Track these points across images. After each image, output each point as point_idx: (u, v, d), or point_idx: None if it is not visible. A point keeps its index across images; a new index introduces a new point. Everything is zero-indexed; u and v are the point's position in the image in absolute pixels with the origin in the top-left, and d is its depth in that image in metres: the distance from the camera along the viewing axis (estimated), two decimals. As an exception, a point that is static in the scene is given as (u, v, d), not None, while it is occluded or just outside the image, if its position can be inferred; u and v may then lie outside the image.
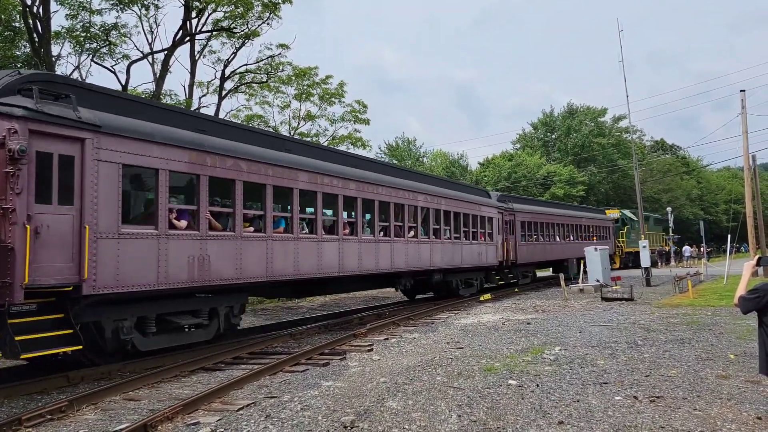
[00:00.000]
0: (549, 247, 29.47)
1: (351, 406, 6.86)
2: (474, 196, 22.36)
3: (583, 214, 35.59)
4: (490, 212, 23.20)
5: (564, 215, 31.83)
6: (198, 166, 10.17)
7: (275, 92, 30.05)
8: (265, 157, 11.69)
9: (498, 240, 23.57)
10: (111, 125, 8.74)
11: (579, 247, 31.22)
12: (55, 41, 21.06)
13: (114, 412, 7.06)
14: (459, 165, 63.07)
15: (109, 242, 8.55)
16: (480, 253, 21.78)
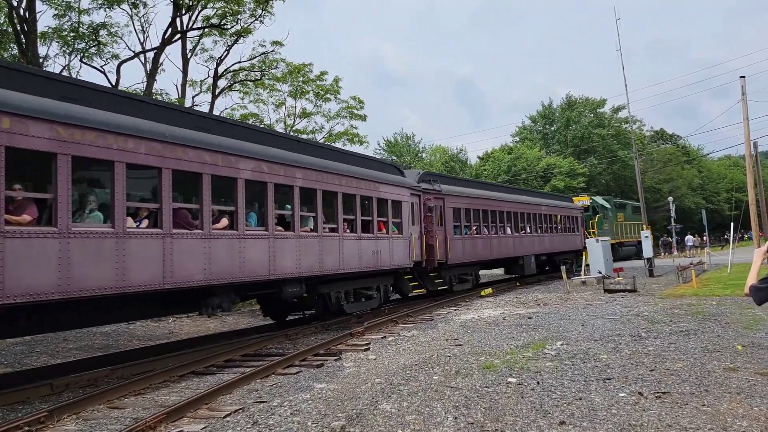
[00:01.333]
0: (497, 242, 22.86)
1: (343, 410, 6.55)
2: (370, 171, 15.23)
3: (544, 201, 29.00)
4: (399, 194, 16.30)
5: (516, 202, 25.24)
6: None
7: (270, 90, 29.73)
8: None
9: (413, 232, 17.00)
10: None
11: (538, 242, 26.60)
12: (43, 42, 20.73)
13: (96, 422, 6.76)
14: (458, 159, 62.70)
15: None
16: (379, 251, 14.99)
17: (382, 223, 15.52)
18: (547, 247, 27.99)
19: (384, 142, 64.73)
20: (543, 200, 28.99)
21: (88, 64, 22.05)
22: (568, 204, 32.81)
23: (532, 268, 25.90)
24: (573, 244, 31.40)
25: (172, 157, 9.28)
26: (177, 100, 24.18)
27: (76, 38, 21.44)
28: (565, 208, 31.30)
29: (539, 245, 26.90)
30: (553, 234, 28.95)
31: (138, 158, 8.73)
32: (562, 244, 29.94)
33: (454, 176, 25.35)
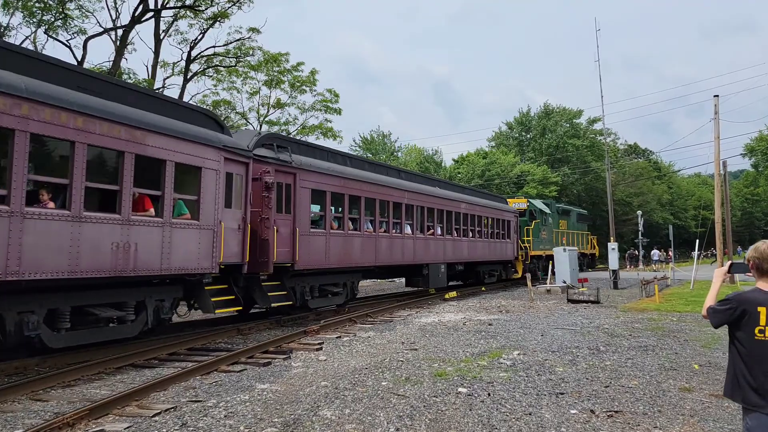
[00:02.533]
0: (387, 244, 17.06)
1: (280, 415, 6.16)
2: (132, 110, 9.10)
3: (465, 197, 23.11)
4: (195, 155, 10.23)
5: (422, 193, 19.32)
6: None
7: (244, 78, 29.09)
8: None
9: (226, 219, 11.14)
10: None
11: (453, 247, 21.11)
12: (6, 11, 19.81)
13: (13, 415, 6.25)
14: (433, 161, 62.61)
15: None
16: (131, 245, 8.92)
17: (148, 198, 9.50)
18: (466, 255, 22.40)
19: (360, 139, 64.30)
20: (464, 196, 22.98)
21: (53, 37, 21.18)
22: (500, 205, 26.96)
23: (442, 280, 20.50)
24: (502, 253, 26.14)
25: None
26: (146, 81, 23.41)
27: (41, 9, 20.55)
28: (494, 209, 25.46)
29: (454, 252, 21.33)
30: (476, 239, 23.38)
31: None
32: (487, 252, 24.50)
33: (322, 147, 16.25)
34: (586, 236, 41.13)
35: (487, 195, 27.68)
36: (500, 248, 26.16)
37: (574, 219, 38.98)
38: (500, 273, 27.11)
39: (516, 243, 27.91)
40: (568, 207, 39.58)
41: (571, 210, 38.96)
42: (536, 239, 30.00)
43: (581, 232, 39.44)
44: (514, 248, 27.56)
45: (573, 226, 37.81)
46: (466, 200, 22.75)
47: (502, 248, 26.44)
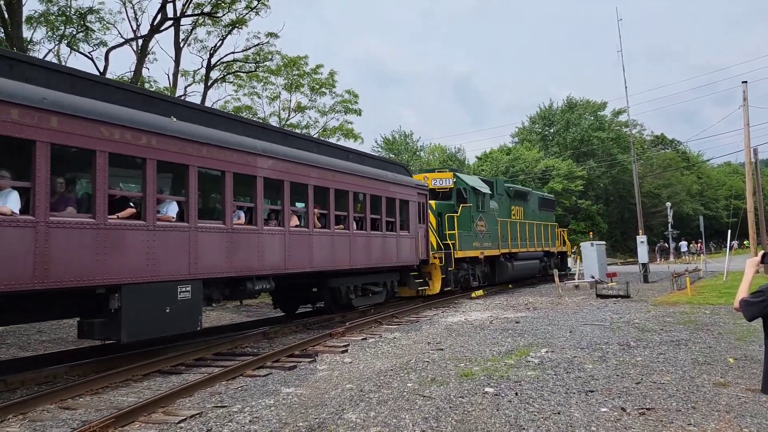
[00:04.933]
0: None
1: (305, 419, 6.12)
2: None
3: (312, 157, 12.85)
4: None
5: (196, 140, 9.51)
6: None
7: (264, 83, 29.26)
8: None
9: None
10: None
11: (261, 243, 10.89)
12: (29, 26, 20.24)
13: (42, 424, 6.33)
14: (456, 159, 62.31)
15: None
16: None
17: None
18: (305, 258, 12.27)
19: (382, 140, 64.31)
20: (310, 156, 12.77)
21: (75, 50, 21.58)
22: (388, 175, 15.88)
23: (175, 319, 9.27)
24: (387, 255, 15.50)
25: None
26: (167, 89, 23.72)
27: (64, 23, 20.96)
28: (374, 180, 15.06)
29: (264, 254, 11.03)
30: (335, 233, 13.30)
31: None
32: (362, 256, 14.39)
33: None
34: (551, 228, 29.40)
35: (364, 157, 15.78)
36: (388, 248, 15.42)
37: (535, 205, 28.05)
38: (388, 288, 16.23)
39: (423, 239, 17.33)
40: (524, 188, 28.35)
41: (529, 192, 27.73)
42: (467, 233, 19.77)
43: (545, 224, 28.54)
44: (417, 246, 16.75)
45: (532, 215, 27.27)
46: (312, 161, 12.58)
47: (390, 247, 15.52)
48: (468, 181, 21.10)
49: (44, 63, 8.82)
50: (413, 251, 16.80)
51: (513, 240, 23.91)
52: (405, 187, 16.68)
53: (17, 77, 7.50)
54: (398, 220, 16.09)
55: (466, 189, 20.63)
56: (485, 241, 21.30)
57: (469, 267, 20.55)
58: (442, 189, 20.84)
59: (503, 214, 23.67)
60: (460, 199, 20.50)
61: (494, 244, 22.09)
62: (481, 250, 20.97)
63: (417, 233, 17.12)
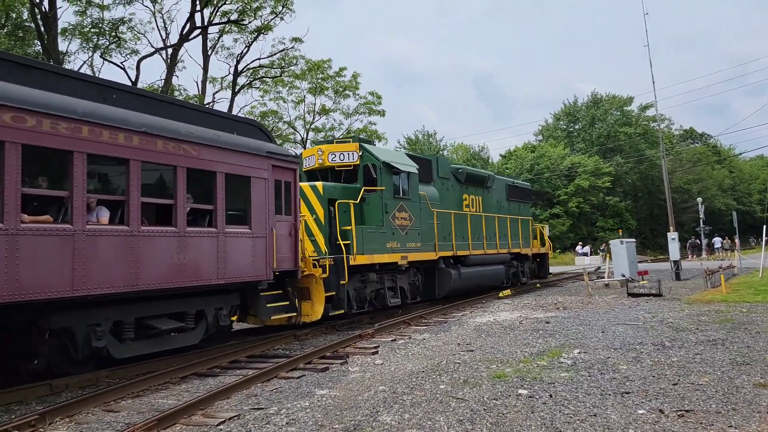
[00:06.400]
0: None
1: (341, 421, 6.21)
2: None
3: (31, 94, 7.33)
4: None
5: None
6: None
7: (289, 87, 29.60)
8: None
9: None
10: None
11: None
12: (64, 38, 20.82)
13: (87, 426, 6.54)
14: (480, 157, 62.03)
15: None
16: None
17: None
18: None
19: (404, 140, 64.35)
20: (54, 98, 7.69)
21: (108, 60, 22.12)
22: (208, 137, 9.85)
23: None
24: (193, 268, 9.43)
25: None
26: (197, 96, 24.15)
27: (97, 34, 21.50)
28: (164, 140, 9.01)
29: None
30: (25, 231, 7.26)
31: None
32: (116, 271, 8.29)
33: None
34: (525, 225, 23.38)
35: (153, 102, 9.64)
36: (187, 253, 9.39)
37: (501, 194, 22.22)
38: (209, 321, 10.42)
39: (287, 238, 11.71)
40: (482, 172, 22.53)
41: (489, 177, 21.39)
42: (376, 229, 14.30)
43: (516, 218, 22.54)
44: (269, 250, 11.00)
45: (497, 207, 21.58)
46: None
47: (201, 253, 9.65)
48: (380, 155, 15.05)
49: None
50: (262, 258, 10.76)
51: (462, 239, 18.30)
52: (242, 156, 10.45)
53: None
54: (220, 207, 9.98)
55: (375, 166, 14.68)
56: (411, 240, 15.54)
57: (381, 278, 14.82)
58: (344, 167, 15.03)
59: (448, 204, 18.10)
60: (369, 180, 14.67)
61: (427, 245, 16.37)
62: (403, 253, 15.10)
63: (270, 230, 10.98)
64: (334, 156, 15.14)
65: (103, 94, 8.83)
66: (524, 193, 25.16)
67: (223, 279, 10.11)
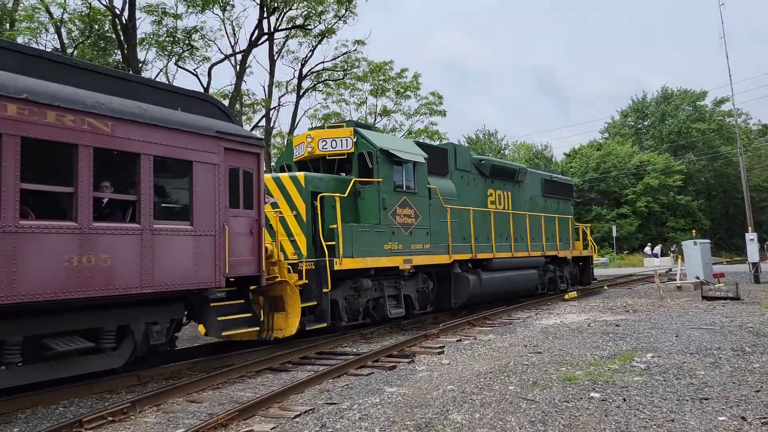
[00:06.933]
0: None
1: (412, 418, 6.35)
2: None
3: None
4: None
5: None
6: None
7: (351, 89, 30.07)
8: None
9: None
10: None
11: None
12: (142, 47, 21.99)
13: (174, 415, 6.97)
14: (543, 156, 60.83)
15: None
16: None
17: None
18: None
19: (465, 139, 63.94)
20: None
21: (182, 67, 23.20)
22: (146, 113, 8.20)
23: None
24: (122, 279, 7.76)
25: None
26: (263, 100, 24.98)
27: (171, 43, 22.59)
28: (58, 112, 7.26)
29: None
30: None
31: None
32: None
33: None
34: (564, 222, 20.95)
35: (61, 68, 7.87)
36: (118, 256, 7.76)
37: (535, 189, 19.92)
38: (137, 339, 8.41)
39: (245, 237, 9.75)
40: (513, 164, 19.84)
41: (520, 170, 18.94)
42: (370, 228, 12.39)
43: (554, 217, 20.17)
44: (219, 252, 9.04)
45: (530, 204, 19.41)
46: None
47: (131, 255, 7.90)
48: (377, 141, 12.88)
49: None
50: (209, 261, 8.87)
51: (484, 240, 16.29)
52: (179, 135, 8.60)
53: None
54: (146, 198, 8.12)
55: (372, 154, 12.60)
56: (417, 241, 13.52)
57: (381, 285, 12.89)
58: (336, 155, 13.11)
59: (468, 200, 16.12)
60: (365, 171, 12.74)
61: (439, 246, 14.27)
62: (406, 256, 13.08)
63: (221, 227, 9.07)
64: (325, 143, 13.07)
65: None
66: (564, 189, 22.36)
67: (149, 287, 8.08)
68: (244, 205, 9.82)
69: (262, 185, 10.15)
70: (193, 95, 9.73)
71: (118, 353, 8.35)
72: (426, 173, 14.18)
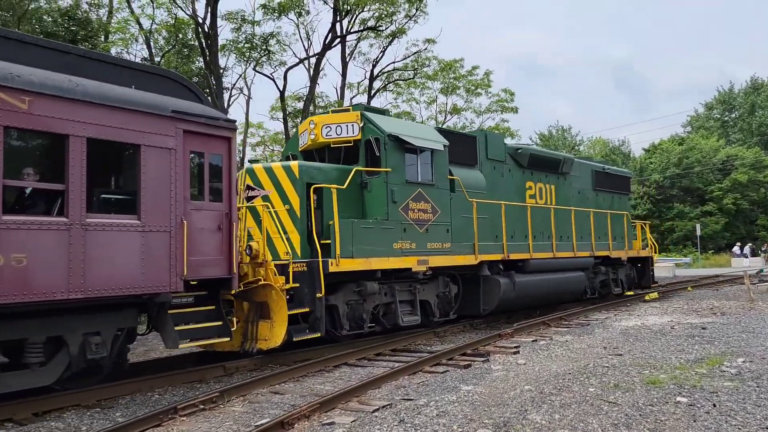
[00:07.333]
0: None
1: (489, 417, 6.37)
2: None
3: None
4: None
5: None
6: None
7: (421, 88, 30.14)
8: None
9: None
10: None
11: None
12: (222, 53, 23.01)
13: (259, 405, 7.31)
14: (620, 152, 58.57)
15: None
16: None
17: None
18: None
19: (537, 136, 62.55)
20: None
21: (259, 71, 24.08)
22: (76, 87, 7.01)
23: None
24: (44, 282, 6.60)
25: None
26: (336, 102, 25.50)
27: (249, 49, 23.49)
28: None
29: None
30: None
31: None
32: None
33: None
34: (619, 219, 19.04)
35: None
36: (36, 255, 6.55)
37: (585, 182, 18.11)
38: (72, 353, 7.20)
39: (212, 234, 8.46)
40: (556, 153, 18.47)
41: (566, 161, 17.06)
42: (374, 225, 11.03)
43: (607, 212, 18.37)
44: (174, 251, 7.82)
45: (578, 198, 17.60)
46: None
47: (56, 253, 6.70)
48: (385, 126, 11.53)
49: None
50: (162, 261, 7.69)
51: (520, 238, 14.67)
52: (122, 114, 7.34)
53: None
54: (77, 187, 6.90)
55: (379, 141, 11.26)
56: (434, 239, 12.12)
57: (391, 289, 11.51)
58: (342, 143, 11.77)
59: (502, 193, 14.47)
60: (372, 160, 11.41)
61: (462, 246, 12.78)
62: (421, 257, 11.69)
63: (178, 222, 7.88)
64: (329, 129, 11.71)
65: None
66: (619, 182, 20.21)
67: (78, 292, 6.84)
68: (211, 197, 8.54)
69: (233, 174, 8.80)
70: (151, 71, 8.53)
71: (48, 369, 7.07)
72: (446, 163, 12.65)
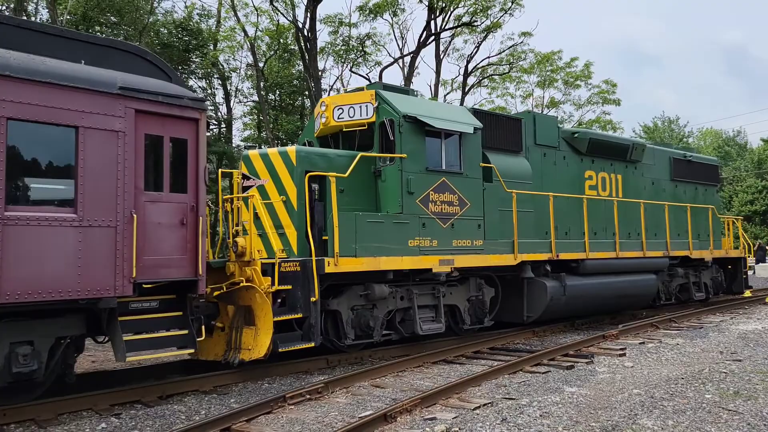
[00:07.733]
0: None
1: (596, 419, 6.20)
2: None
3: None
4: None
5: None
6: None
7: (517, 82, 29.51)
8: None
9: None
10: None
11: None
12: (321, 56, 23.79)
13: (361, 398, 7.54)
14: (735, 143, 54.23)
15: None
16: None
17: None
18: None
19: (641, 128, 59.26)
20: None
21: (355, 72, 24.65)
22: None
23: None
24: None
25: None
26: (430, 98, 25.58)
27: (346, 51, 24.11)
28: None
29: None
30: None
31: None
32: None
33: None
34: (702, 214, 16.65)
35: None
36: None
37: (662, 171, 15.93)
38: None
39: (175, 229, 7.39)
40: (626, 139, 15.96)
41: (636, 146, 14.93)
42: (385, 220, 9.60)
43: (687, 206, 16.04)
44: (120, 249, 6.80)
45: (652, 190, 15.45)
46: None
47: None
48: (400, 106, 10.00)
49: None
50: (105, 261, 6.70)
51: (575, 235, 12.93)
52: (54, 91, 6.43)
53: None
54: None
55: (394, 122, 9.84)
56: (462, 235, 10.56)
57: (409, 292, 10.14)
58: (355, 126, 10.42)
59: (554, 184, 12.81)
60: (387, 144, 9.97)
61: (498, 243, 11.22)
62: (445, 256, 10.21)
63: (126, 216, 6.90)
64: (341, 111, 10.35)
65: None
66: (705, 171, 17.48)
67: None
68: (172, 187, 7.45)
69: (202, 161, 7.66)
70: (105, 44, 7.50)
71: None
72: (479, 148, 10.97)
